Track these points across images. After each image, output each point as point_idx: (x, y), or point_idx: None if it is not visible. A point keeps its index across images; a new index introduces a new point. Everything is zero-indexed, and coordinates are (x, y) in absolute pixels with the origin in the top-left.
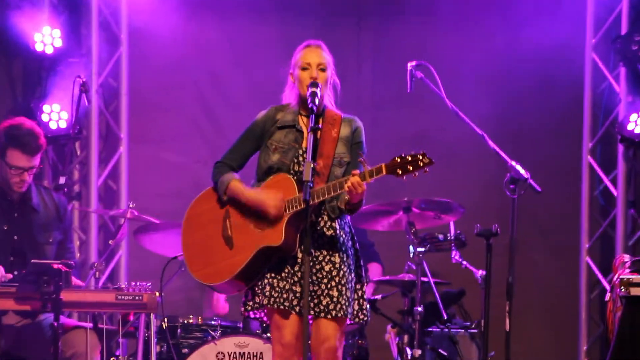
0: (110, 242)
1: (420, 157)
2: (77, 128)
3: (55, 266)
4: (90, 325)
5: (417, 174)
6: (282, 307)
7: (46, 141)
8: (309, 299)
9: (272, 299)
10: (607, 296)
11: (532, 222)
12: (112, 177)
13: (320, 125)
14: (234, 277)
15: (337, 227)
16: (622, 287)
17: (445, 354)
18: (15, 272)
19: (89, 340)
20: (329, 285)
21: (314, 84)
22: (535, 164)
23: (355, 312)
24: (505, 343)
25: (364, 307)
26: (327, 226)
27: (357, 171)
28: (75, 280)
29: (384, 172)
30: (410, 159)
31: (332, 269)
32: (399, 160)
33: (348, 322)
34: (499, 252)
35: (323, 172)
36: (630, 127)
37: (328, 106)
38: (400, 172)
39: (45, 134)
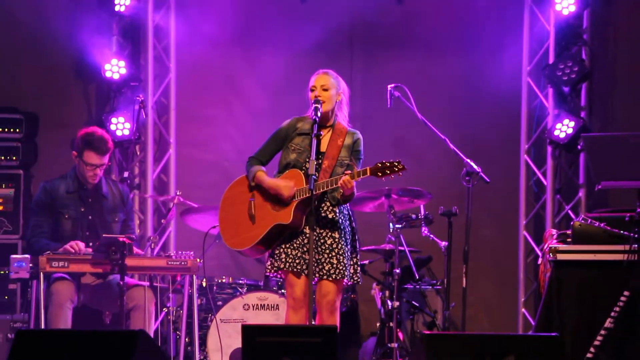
0: (162, 221)
1: (396, 164)
2: (137, 135)
3: (121, 239)
4: (147, 283)
5: (393, 177)
6: (294, 269)
7: (113, 145)
8: (315, 264)
9: (287, 264)
10: (540, 260)
11: (483, 205)
12: (164, 172)
13: (321, 133)
14: (254, 245)
15: (337, 211)
16: (551, 254)
17: (417, 304)
18: (91, 244)
19: (146, 295)
20: (330, 255)
21: (317, 101)
22: (485, 160)
23: (351, 274)
24: (462, 297)
25: (358, 271)
26: (330, 210)
27: (348, 172)
28: (136, 250)
29: (368, 174)
30: (388, 165)
31: (333, 242)
32: (380, 165)
33: (346, 281)
34: (457, 228)
35: (327, 170)
36: (556, 133)
37: (339, 120)
38: (380, 174)
39: (112, 139)
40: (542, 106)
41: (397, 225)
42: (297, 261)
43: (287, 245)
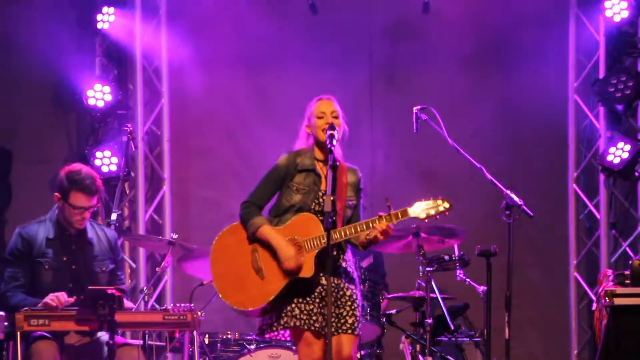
0: (157, 269)
1: (440, 202)
2: (126, 171)
3: (110, 291)
4: (140, 342)
5: (438, 217)
6: (313, 327)
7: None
8: (337, 319)
9: (302, 321)
10: (594, 306)
11: (526, 242)
12: (157, 213)
13: (338, 164)
14: (267, 303)
15: (347, 258)
16: (607, 298)
17: None
18: (74, 297)
19: (136, 356)
20: (352, 307)
21: (332, 126)
22: (527, 192)
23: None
24: (505, 349)
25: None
26: (341, 258)
27: (383, 213)
28: (127, 303)
29: (409, 215)
30: (432, 203)
31: (352, 293)
32: (421, 204)
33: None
34: (497, 269)
35: (339, 213)
36: (609, 158)
37: (336, 155)
38: (423, 216)
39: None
40: (593, 127)
41: (427, 268)
42: (315, 318)
43: (300, 300)
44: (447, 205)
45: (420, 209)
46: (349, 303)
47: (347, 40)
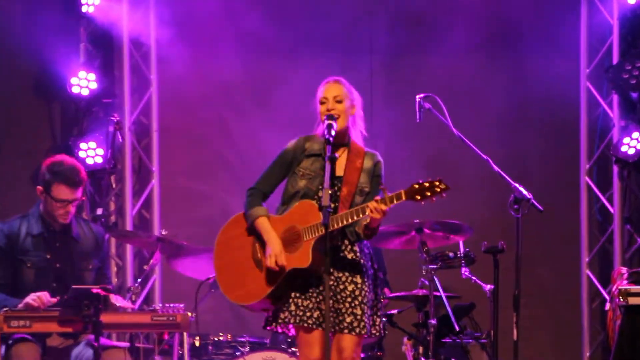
0: (145, 267)
1: (437, 184)
2: (112, 163)
3: (95, 291)
4: (127, 344)
5: (435, 199)
6: (306, 324)
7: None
8: (335, 315)
9: (298, 317)
10: (607, 306)
11: (536, 238)
12: (146, 207)
13: (337, 155)
14: (264, 297)
15: (358, 249)
16: (621, 297)
17: None
18: (58, 297)
19: (123, 358)
20: (352, 304)
21: (330, 116)
22: (537, 185)
23: (378, 327)
24: (513, 351)
25: (377, 323)
26: (349, 249)
27: (378, 197)
28: (121, 302)
29: (404, 198)
30: (427, 185)
31: (355, 288)
32: (417, 186)
33: (375, 336)
34: (505, 267)
35: (347, 198)
36: (623, 149)
37: (353, 138)
38: (419, 197)
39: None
40: (606, 116)
41: (431, 266)
42: (309, 314)
43: (297, 295)
44: (443, 186)
45: (415, 191)
46: (348, 299)
47: (347, 26)
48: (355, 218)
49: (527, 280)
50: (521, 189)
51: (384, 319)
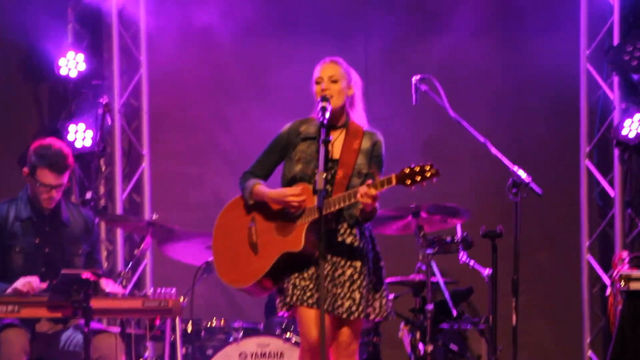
0: (135, 251)
1: (428, 169)
2: (102, 146)
3: (84, 275)
4: (118, 330)
5: (425, 184)
6: (305, 304)
7: (74, 160)
8: (333, 299)
9: (295, 297)
10: (608, 291)
11: (535, 223)
12: (136, 191)
13: (330, 138)
14: (258, 280)
15: (357, 233)
16: (622, 282)
17: (456, 349)
18: (47, 282)
19: (113, 343)
20: (351, 289)
21: (324, 98)
22: (535, 168)
23: (377, 310)
24: (512, 337)
25: (384, 304)
26: (347, 232)
27: (370, 181)
28: (111, 287)
29: (394, 183)
30: (418, 170)
31: (354, 272)
32: (407, 171)
33: (372, 318)
34: (503, 252)
35: (342, 181)
36: (624, 132)
37: (352, 118)
38: (409, 182)
39: (72, 153)
40: (606, 99)
41: (428, 251)
42: (309, 293)
43: (296, 275)
44: (433, 170)
45: (406, 176)
46: (347, 284)
47: (342, 8)
48: (348, 202)
49: (525, 265)
50: (520, 172)
51: (389, 300)
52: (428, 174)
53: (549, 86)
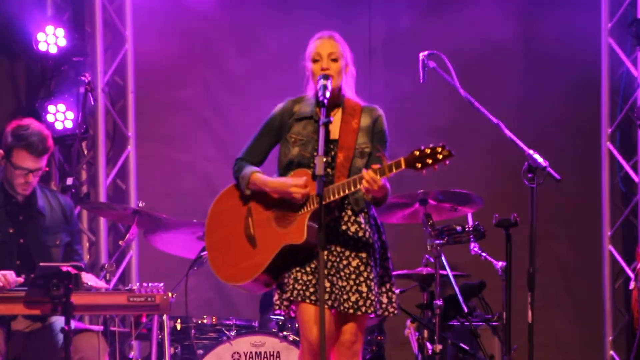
0: (120, 242)
1: (440, 150)
2: (84, 127)
3: (64, 269)
4: (101, 328)
5: (437, 167)
6: (307, 300)
7: (53, 142)
8: (339, 293)
9: (296, 292)
10: (632, 285)
11: (552, 211)
12: (121, 177)
13: (331, 119)
14: (257, 276)
15: (362, 220)
16: None
17: (467, 348)
18: (23, 276)
19: (96, 343)
20: (357, 281)
21: (325, 76)
22: (553, 151)
23: (384, 305)
24: (528, 336)
25: (393, 300)
26: (352, 220)
27: (376, 166)
28: (93, 282)
29: (403, 166)
30: (429, 151)
31: (360, 264)
32: (418, 153)
33: (374, 315)
34: (519, 242)
35: (344, 164)
36: None
37: (347, 95)
38: (419, 165)
39: (52, 135)
40: (630, 76)
41: (436, 241)
42: (312, 289)
43: (298, 269)
44: (446, 152)
45: (416, 158)
46: (352, 276)
47: None
48: (352, 189)
49: (542, 256)
50: (536, 156)
51: (396, 293)
52: (440, 156)
53: (567, 62)
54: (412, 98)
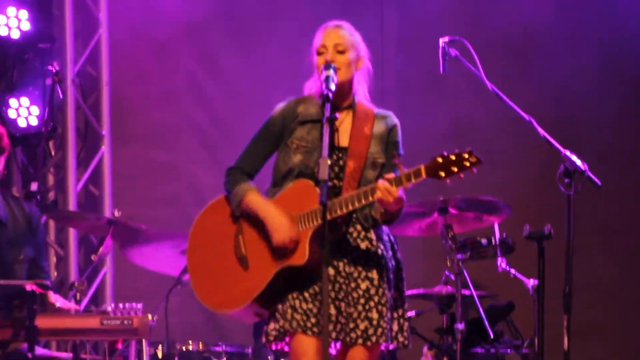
0: (92, 257)
1: (467, 157)
2: (51, 125)
3: (29, 287)
4: (69, 355)
5: (462, 175)
6: (309, 332)
7: (12, 142)
8: (344, 322)
9: (296, 322)
10: None
11: (592, 221)
12: (94, 182)
13: (337, 115)
14: (250, 303)
15: (374, 237)
16: None
17: None
18: None
19: None
20: (366, 307)
21: (328, 65)
22: (594, 153)
23: (394, 334)
24: None
25: (405, 329)
26: (362, 237)
27: (391, 175)
28: (61, 302)
29: (424, 175)
30: (454, 158)
31: (370, 286)
32: (441, 160)
33: (386, 345)
34: (553, 257)
35: (354, 175)
36: None
37: (359, 98)
38: (443, 174)
39: (12, 133)
40: None
41: (458, 256)
42: (313, 320)
43: (295, 296)
44: (474, 159)
45: (439, 166)
46: (361, 300)
47: None
48: (362, 202)
49: (580, 274)
50: (574, 158)
51: (407, 322)
52: (467, 163)
53: (612, 54)
54: (428, 91)
